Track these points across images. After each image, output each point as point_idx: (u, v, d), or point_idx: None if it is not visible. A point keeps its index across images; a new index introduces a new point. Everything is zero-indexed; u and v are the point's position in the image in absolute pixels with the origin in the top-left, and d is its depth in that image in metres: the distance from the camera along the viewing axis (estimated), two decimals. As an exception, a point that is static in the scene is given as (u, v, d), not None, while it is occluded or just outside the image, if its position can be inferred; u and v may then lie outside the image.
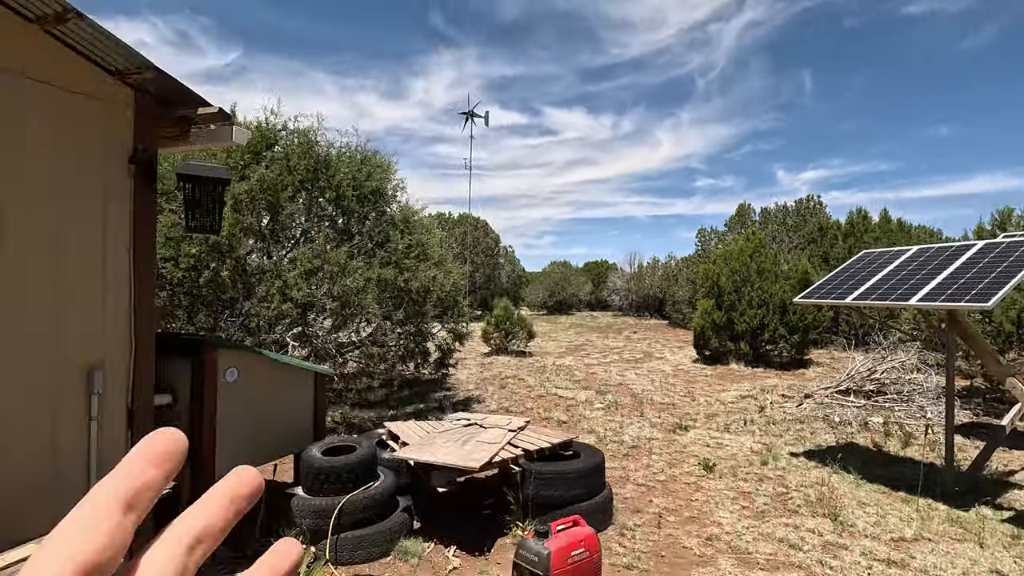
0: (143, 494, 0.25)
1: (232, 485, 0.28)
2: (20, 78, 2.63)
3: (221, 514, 0.27)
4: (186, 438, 0.27)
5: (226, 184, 3.29)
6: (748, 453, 6.21)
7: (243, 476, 0.29)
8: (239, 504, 0.28)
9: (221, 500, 0.28)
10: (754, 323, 12.52)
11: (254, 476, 0.29)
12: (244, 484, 0.28)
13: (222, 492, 0.28)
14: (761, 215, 24.67)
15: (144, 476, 0.25)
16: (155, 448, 0.26)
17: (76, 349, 2.86)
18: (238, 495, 0.28)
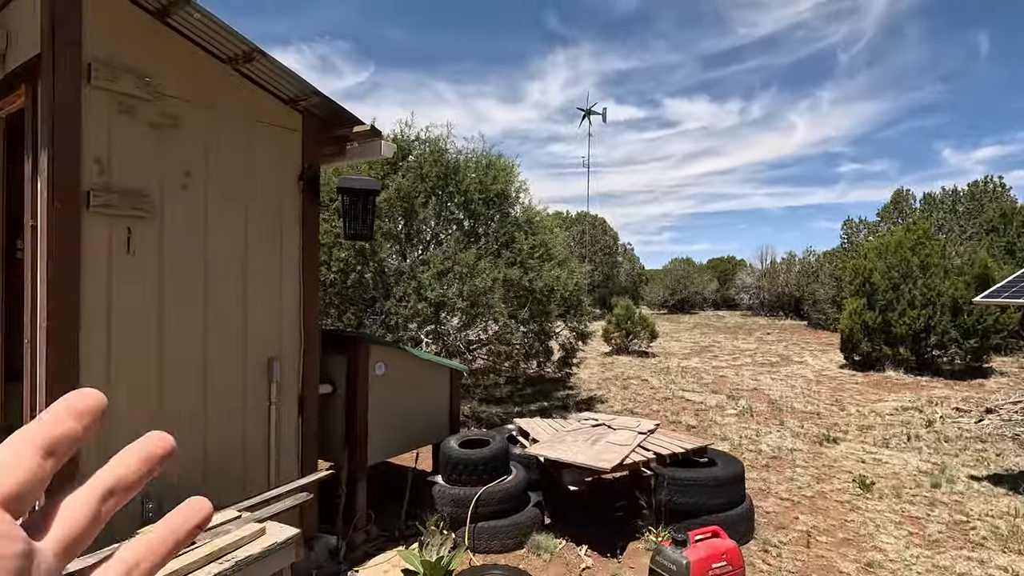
0: (62, 442, 0.26)
1: (146, 446, 0.30)
2: (215, 111, 3.09)
3: (135, 470, 0.29)
4: (105, 399, 0.29)
5: (377, 194, 3.60)
6: (914, 473, 5.49)
7: (157, 439, 0.30)
8: (152, 464, 0.30)
9: (136, 458, 0.29)
10: (917, 325, 11.01)
11: (166, 439, 0.30)
12: (158, 446, 0.30)
13: (137, 451, 0.30)
14: (923, 202, 21.61)
15: (64, 427, 0.27)
16: (78, 403, 0.28)
17: (260, 344, 3.30)
18: (152, 455, 0.30)
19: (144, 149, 2.78)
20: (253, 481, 3.27)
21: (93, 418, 0.28)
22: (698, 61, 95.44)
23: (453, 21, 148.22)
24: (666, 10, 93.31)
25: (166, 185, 2.87)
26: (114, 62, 2.65)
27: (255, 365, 3.29)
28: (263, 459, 3.34)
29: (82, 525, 0.27)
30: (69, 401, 0.28)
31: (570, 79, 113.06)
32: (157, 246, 2.83)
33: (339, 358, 4.01)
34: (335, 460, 4.05)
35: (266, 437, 3.35)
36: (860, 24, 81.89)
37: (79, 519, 0.27)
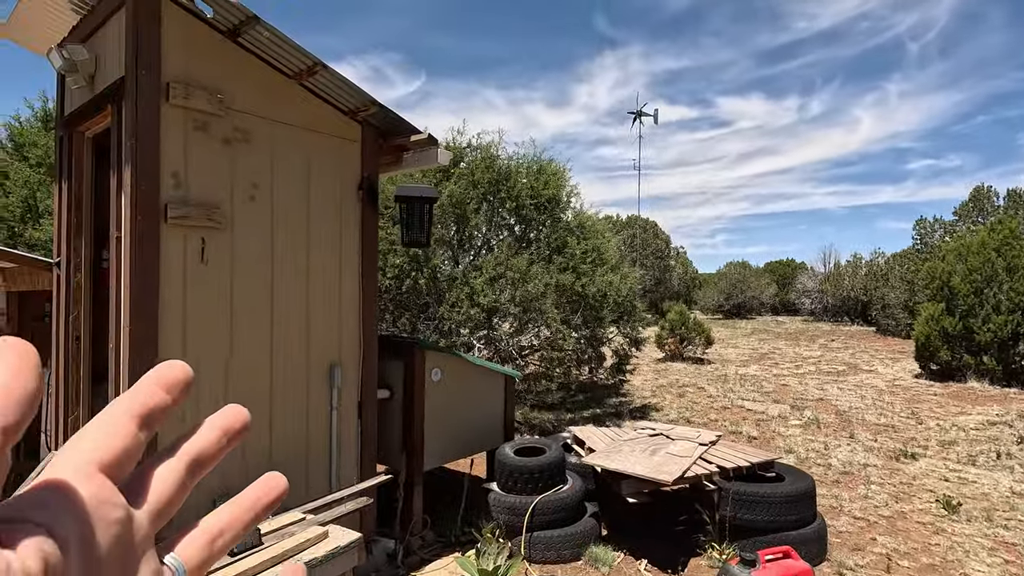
0: (156, 413, 0.27)
1: (227, 417, 0.31)
2: (280, 125, 3.20)
3: (215, 442, 0.30)
4: (191, 371, 0.29)
5: (434, 201, 3.64)
6: (1007, 494, 5.03)
7: (235, 411, 0.31)
8: (231, 435, 0.31)
9: (217, 431, 0.30)
10: (1003, 332, 10.17)
11: (243, 412, 0.31)
12: (236, 419, 0.31)
13: (218, 424, 0.31)
14: (1008, 199, 20.02)
15: (157, 398, 0.28)
16: (168, 375, 0.29)
17: (321, 350, 3.38)
18: (231, 428, 0.31)
19: (216, 163, 2.91)
20: (315, 484, 3.34)
21: (182, 389, 0.29)
22: (752, 57, 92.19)
23: (501, 28, 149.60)
24: (719, 6, 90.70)
25: (236, 197, 2.98)
26: (189, 81, 2.79)
27: (317, 370, 3.37)
28: (324, 463, 3.41)
29: (172, 493, 0.28)
30: (160, 372, 0.29)
31: (619, 80, 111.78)
32: (228, 255, 2.95)
33: (396, 363, 4.06)
34: (392, 465, 4.10)
35: (327, 441, 3.42)
36: (932, 11, 76.86)
37: (169, 487, 0.28)
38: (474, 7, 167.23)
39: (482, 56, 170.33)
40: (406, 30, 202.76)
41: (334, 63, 3.10)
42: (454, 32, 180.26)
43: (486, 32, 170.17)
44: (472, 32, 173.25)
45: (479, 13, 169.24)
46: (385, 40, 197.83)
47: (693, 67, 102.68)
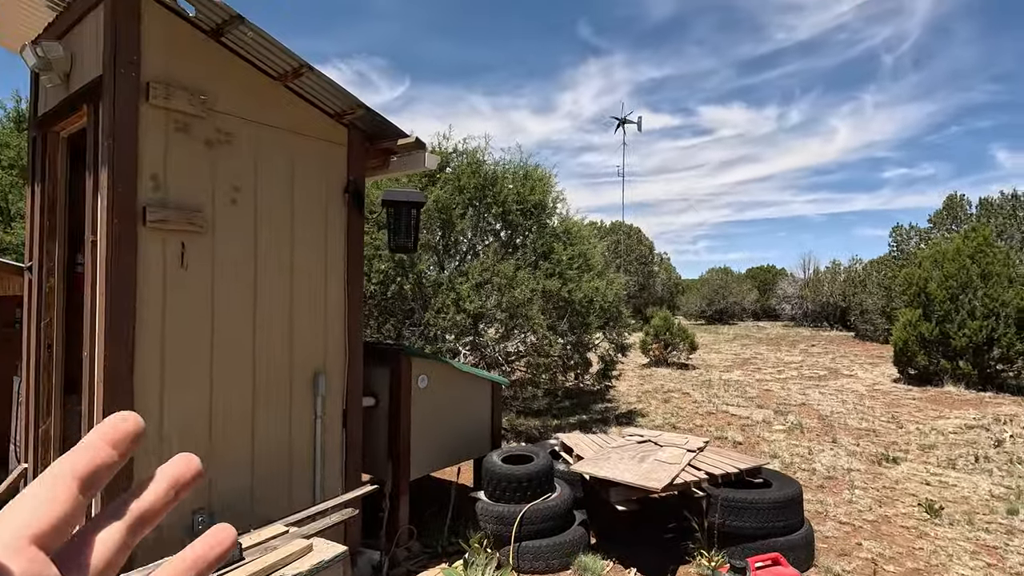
0: (101, 472, 0.27)
1: (176, 469, 0.30)
2: (265, 127, 3.13)
3: (163, 497, 0.29)
4: (142, 422, 0.29)
5: (421, 206, 3.59)
6: (986, 497, 5.11)
7: (186, 462, 0.30)
8: (181, 488, 0.30)
9: (165, 485, 0.29)
10: (978, 338, 10.40)
11: (194, 462, 0.30)
12: (186, 470, 0.30)
13: (166, 477, 0.29)
14: (980, 207, 20.57)
15: (102, 455, 0.27)
16: (115, 430, 0.28)
17: (305, 357, 3.30)
18: (181, 479, 0.30)
19: (198, 165, 2.83)
20: (298, 495, 3.26)
21: (130, 443, 0.28)
22: (734, 67, 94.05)
23: (487, 34, 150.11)
24: (700, 17, 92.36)
25: (217, 200, 2.91)
26: (170, 80, 2.71)
27: (301, 378, 3.29)
28: (308, 473, 3.33)
29: (111, 557, 0.27)
30: (107, 427, 0.28)
31: (603, 88, 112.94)
32: (209, 260, 2.87)
33: (381, 370, 3.99)
34: (377, 474, 4.02)
35: (311, 451, 3.34)
36: (905, 25, 79.35)
37: (108, 552, 0.27)
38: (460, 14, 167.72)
39: (468, 62, 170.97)
40: (391, 35, 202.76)
41: (319, 66, 3.04)
42: (440, 38, 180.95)
43: (471, 38, 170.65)
44: (457, 38, 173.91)
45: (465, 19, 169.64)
46: (370, 45, 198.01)
47: (676, 76, 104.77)
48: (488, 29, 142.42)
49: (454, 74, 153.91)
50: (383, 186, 6.91)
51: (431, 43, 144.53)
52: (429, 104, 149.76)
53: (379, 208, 6.55)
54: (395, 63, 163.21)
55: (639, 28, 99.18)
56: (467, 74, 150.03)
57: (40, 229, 3.19)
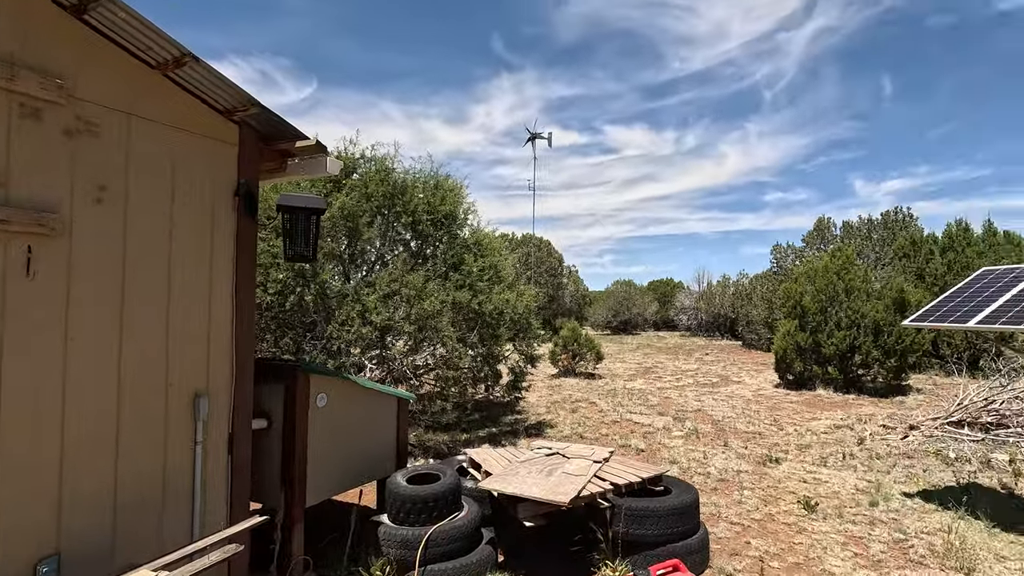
0: None
1: None
2: (140, 120, 2.80)
3: None
4: None
5: (322, 212, 3.37)
6: (852, 491, 5.67)
7: None
8: None
9: None
10: (843, 346, 11.65)
11: None
12: None
13: None
14: (843, 229, 23.20)
15: None
16: None
17: (184, 378, 2.96)
18: None
19: (52, 158, 2.45)
20: (172, 532, 2.90)
21: None
22: (636, 91, 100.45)
23: (399, 41, 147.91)
24: (605, 42, 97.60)
25: (77, 198, 2.54)
26: (16, 59, 2.34)
27: (179, 401, 2.94)
28: (185, 506, 2.97)
29: None
30: None
31: (516, 103, 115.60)
32: (64, 267, 2.49)
33: (275, 389, 3.69)
34: (269, 502, 3.69)
35: (190, 482, 2.99)
36: (781, 64, 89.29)
37: None
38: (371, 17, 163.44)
39: (379, 68, 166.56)
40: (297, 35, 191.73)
41: (213, 61, 2.77)
42: (349, 41, 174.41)
43: (382, 44, 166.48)
44: (367, 43, 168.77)
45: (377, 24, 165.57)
46: (273, 43, 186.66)
47: (584, 96, 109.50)
48: (401, 36, 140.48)
49: (364, 79, 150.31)
50: (282, 190, 6.51)
51: (340, 45, 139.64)
52: (337, 108, 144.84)
53: (276, 214, 6.15)
54: (301, 64, 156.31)
55: (549, 48, 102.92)
56: (378, 80, 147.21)
57: None
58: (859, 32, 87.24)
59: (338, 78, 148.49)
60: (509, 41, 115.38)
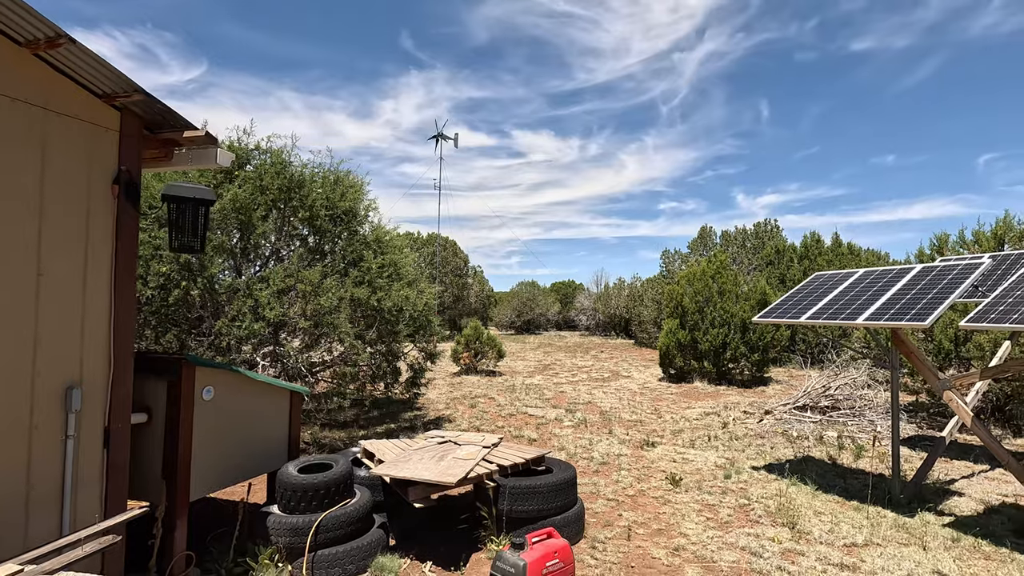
0: None
1: None
2: (6, 99, 2.67)
3: None
4: None
5: (211, 203, 3.36)
6: (712, 468, 6.45)
7: None
8: None
9: None
10: (716, 342, 12.96)
11: None
12: None
13: None
14: (722, 238, 25.57)
15: None
16: None
17: (54, 369, 2.86)
18: None
19: (-100, 135, 2.31)
20: (38, 530, 2.78)
21: None
22: (544, 98, 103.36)
23: (300, 27, 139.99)
24: (514, 48, 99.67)
25: (-69, 179, 2.40)
26: None
27: (47, 393, 2.83)
28: (54, 503, 2.86)
29: None
30: None
31: (424, 101, 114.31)
32: (-86, 252, 2.34)
33: (157, 382, 3.60)
34: (150, 498, 3.59)
35: (59, 477, 2.88)
36: (676, 82, 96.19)
37: None
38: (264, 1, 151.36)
39: (276, 54, 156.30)
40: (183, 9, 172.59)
41: (84, 31, 2.70)
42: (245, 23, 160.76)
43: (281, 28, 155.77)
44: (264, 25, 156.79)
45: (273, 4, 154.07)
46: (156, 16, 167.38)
47: (493, 99, 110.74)
48: (305, 24, 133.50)
49: (262, 65, 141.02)
50: (168, 179, 6.19)
51: (234, 27, 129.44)
52: (231, 92, 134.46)
53: (161, 204, 5.84)
54: (189, 41, 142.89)
55: (459, 48, 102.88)
56: (277, 67, 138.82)
57: None
58: (742, 59, 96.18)
59: (232, 62, 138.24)
60: (420, 38, 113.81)
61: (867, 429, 8.19)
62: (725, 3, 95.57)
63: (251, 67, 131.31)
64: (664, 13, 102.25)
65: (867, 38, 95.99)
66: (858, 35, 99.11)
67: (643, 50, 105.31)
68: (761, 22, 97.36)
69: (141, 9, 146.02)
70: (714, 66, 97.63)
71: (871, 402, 9.11)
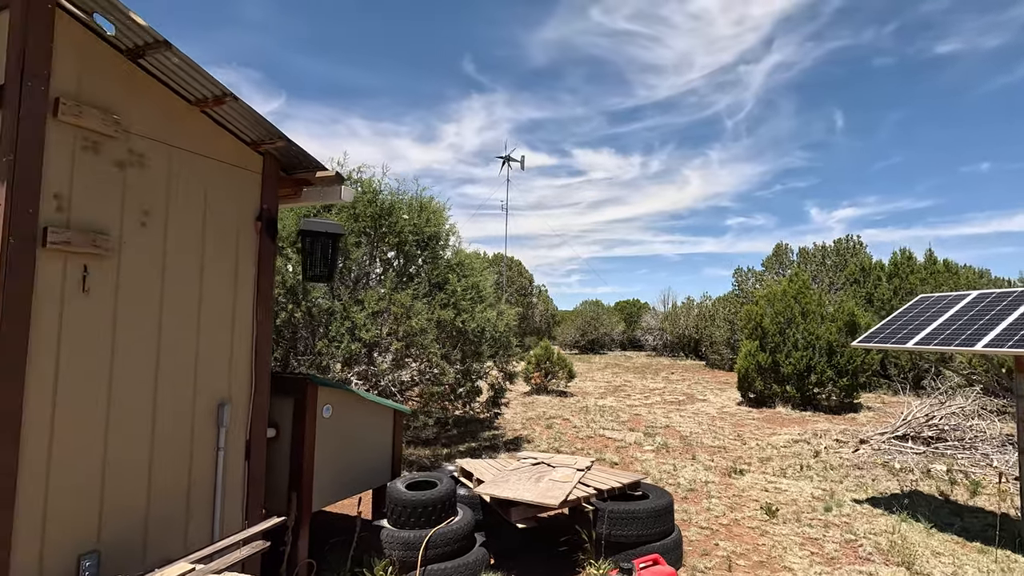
0: None
1: None
2: (179, 151, 3.07)
3: None
4: None
5: (340, 237, 3.67)
6: (809, 499, 6.16)
7: None
8: None
9: None
10: (800, 366, 12.37)
11: None
12: None
13: None
14: (799, 255, 24.45)
15: None
16: None
17: (210, 388, 3.20)
18: None
19: (107, 186, 2.71)
20: (195, 533, 3.10)
21: None
22: (604, 116, 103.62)
23: (368, 59, 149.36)
24: (573, 68, 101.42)
25: (126, 223, 2.79)
26: (81, 97, 2.60)
27: (204, 409, 3.17)
28: (208, 509, 3.18)
29: None
30: None
31: (486, 124, 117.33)
32: (112, 285, 2.73)
33: (284, 400, 3.92)
34: (275, 508, 3.89)
35: (212, 485, 3.20)
36: (742, 95, 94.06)
37: None
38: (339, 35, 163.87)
39: (346, 84, 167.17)
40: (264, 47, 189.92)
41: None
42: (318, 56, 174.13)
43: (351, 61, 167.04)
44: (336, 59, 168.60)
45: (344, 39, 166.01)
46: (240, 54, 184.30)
47: (552, 119, 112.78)
48: (369, 53, 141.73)
49: (332, 94, 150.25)
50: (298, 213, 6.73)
51: (308, 60, 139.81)
52: (305, 122, 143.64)
53: (286, 238, 6.36)
54: (269, 76, 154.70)
55: (519, 70, 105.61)
56: (345, 96, 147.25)
57: None
58: (812, 68, 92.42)
59: (306, 93, 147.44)
60: (481, 62, 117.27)
61: (981, 463, 7.55)
62: (794, 13, 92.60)
63: (323, 97, 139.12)
64: (728, 26, 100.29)
65: (952, 40, 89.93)
66: (942, 37, 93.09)
67: (706, 64, 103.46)
68: (832, 30, 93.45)
69: (226, 50, 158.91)
70: (782, 77, 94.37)
71: (983, 433, 8.40)
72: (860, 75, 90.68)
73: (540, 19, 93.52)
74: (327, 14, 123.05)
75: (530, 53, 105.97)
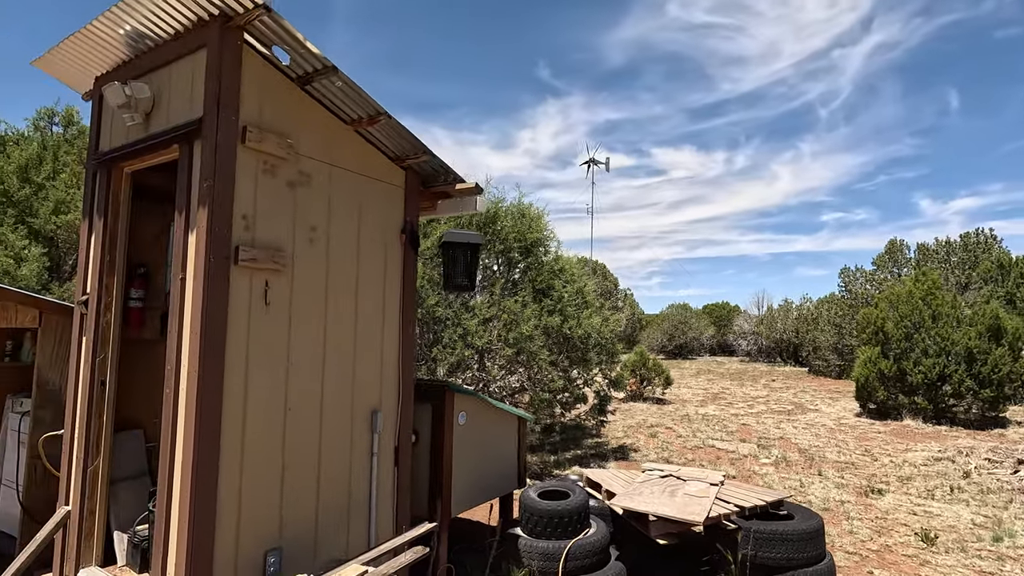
0: None
1: None
2: (336, 169, 3.23)
3: None
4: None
5: (480, 247, 3.72)
6: (970, 526, 5.51)
7: None
8: None
9: None
10: (932, 374, 11.20)
11: None
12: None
13: None
14: (918, 252, 22.25)
15: None
16: None
17: (365, 395, 3.33)
18: None
19: (281, 206, 2.89)
20: (354, 536, 3.23)
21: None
22: (684, 113, 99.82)
23: (448, 70, 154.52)
24: (651, 65, 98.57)
25: (297, 240, 2.96)
26: (262, 124, 2.79)
27: (360, 416, 3.31)
28: (364, 511, 3.31)
29: None
30: None
31: (561, 128, 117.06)
32: (287, 298, 2.90)
33: (423, 407, 4.02)
34: (416, 512, 4.00)
35: (367, 490, 3.33)
36: (837, 82, 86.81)
37: None
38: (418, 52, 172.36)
39: (429, 98, 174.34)
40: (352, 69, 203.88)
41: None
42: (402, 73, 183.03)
43: (432, 76, 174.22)
44: (419, 75, 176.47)
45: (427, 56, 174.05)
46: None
47: (630, 119, 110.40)
48: (449, 68, 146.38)
49: (415, 108, 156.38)
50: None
51: (392, 77, 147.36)
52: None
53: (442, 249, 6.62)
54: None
55: (594, 72, 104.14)
56: (428, 109, 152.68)
57: (100, 263, 3.13)
58: (920, 46, 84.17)
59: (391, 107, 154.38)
60: (556, 67, 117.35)
61: None
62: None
63: (408, 110, 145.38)
64: (820, 9, 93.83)
65: (1098, 1, 78.59)
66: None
67: (795, 52, 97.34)
68: (944, 3, 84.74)
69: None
70: (884, 58, 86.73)
71: None
72: (979, 50, 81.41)
73: (615, 19, 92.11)
74: (407, 37, 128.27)
75: (606, 55, 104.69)
